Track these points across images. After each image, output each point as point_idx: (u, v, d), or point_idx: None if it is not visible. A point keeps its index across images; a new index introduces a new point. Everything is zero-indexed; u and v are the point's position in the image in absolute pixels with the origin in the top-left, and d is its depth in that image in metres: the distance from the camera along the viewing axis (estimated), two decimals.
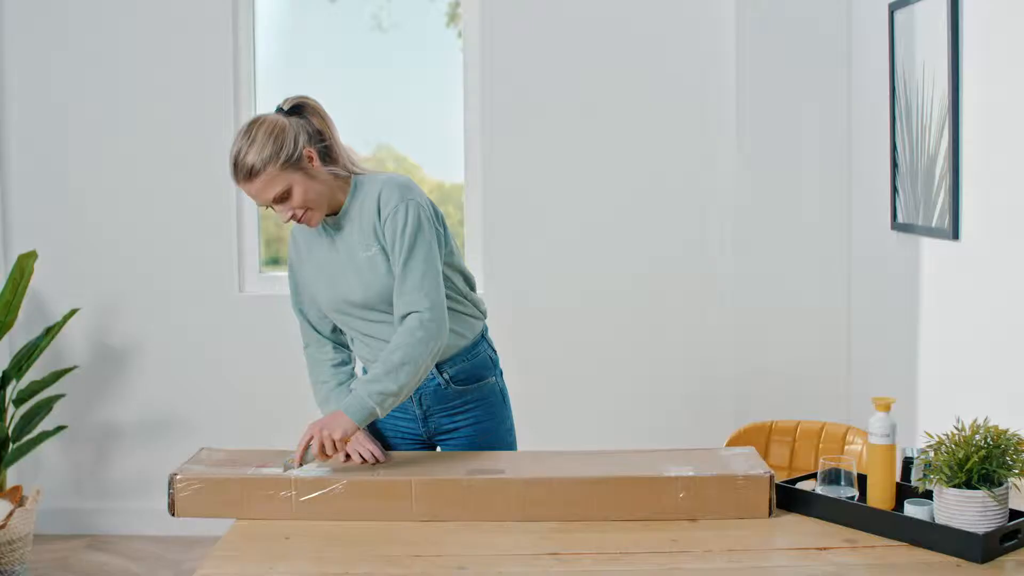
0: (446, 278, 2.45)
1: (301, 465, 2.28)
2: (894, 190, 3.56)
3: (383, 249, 2.40)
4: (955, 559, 1.93)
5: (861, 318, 3.95)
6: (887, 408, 2.14)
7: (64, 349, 4.32)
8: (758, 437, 2.82)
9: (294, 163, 2.33)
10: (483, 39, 4.18)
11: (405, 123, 4.44)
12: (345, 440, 2.29)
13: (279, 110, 2.41)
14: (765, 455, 2.78)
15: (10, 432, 3.97)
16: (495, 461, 2.35)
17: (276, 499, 2.20)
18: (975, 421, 2.02)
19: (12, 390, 4.05)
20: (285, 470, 2.26)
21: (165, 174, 4.28)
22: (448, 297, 2.46)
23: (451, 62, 4.34)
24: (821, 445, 2.77)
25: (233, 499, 2.22)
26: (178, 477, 2.23)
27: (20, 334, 4.23)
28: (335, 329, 2.59)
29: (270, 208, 2.39)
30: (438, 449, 2.60)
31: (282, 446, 2.63)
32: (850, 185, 3.99)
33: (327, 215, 2.43)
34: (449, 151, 4.37)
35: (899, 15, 3.47)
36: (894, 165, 3.55)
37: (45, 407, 4.09)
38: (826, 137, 3.99)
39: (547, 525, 2.15)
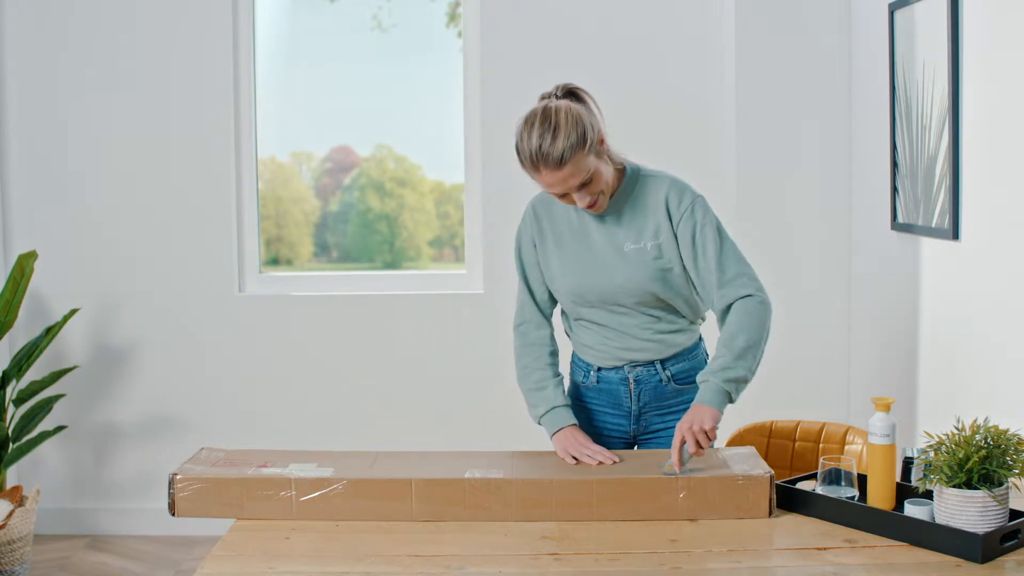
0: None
1: (681, 468, 2.23)
2: (894, 190, 3.56)
3: (659, 245, 2.39)
4: (955, 559, 1.93)
5: (861, 318, 3.95)
6: (887, 408, 2.14)
7: (64, 349, 4.32)
8: (758, 437, 2.82)
9: (594, 148, 2.31)
10: (483, 39, 4.18)
11: (405, 123, 4.44)
12: (714, 428, 2.28)
13: (553, 97, 2.35)
14: (765, 455, 2.78)
15: (10, 432, 3.97)
16: (495, 461, 2.35)
17: (276, 499, 2.20)
18: (975, 421, 2.02)
19: (12, 390, 4.05)
20: (667, 473, 2.21)
21: (165, 174, 4.28)
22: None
23: (451, 62, 4.34)
24: (821, 445, 2.77)
25: (233, 499, 2.21)
26: (178, 477, 2.23)
27: (20, 334, 4.23)
28: (553, 313, 2.58)
29: (565, 195, 2.34)
30: (635, 448, 2.56)
31: (282, 446, 2.63)
32: (850, 185, 3.98)
33: None
34: (449, 151, 4.37)
35: (899, 15, 3.47)
36: (894, 165, 3.55)
37: (45, 407, 4.09)
38: (826, 137, 3.99)
39: (547, 525, 2.15)
